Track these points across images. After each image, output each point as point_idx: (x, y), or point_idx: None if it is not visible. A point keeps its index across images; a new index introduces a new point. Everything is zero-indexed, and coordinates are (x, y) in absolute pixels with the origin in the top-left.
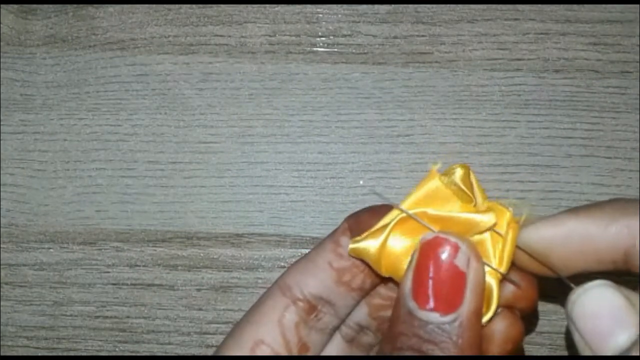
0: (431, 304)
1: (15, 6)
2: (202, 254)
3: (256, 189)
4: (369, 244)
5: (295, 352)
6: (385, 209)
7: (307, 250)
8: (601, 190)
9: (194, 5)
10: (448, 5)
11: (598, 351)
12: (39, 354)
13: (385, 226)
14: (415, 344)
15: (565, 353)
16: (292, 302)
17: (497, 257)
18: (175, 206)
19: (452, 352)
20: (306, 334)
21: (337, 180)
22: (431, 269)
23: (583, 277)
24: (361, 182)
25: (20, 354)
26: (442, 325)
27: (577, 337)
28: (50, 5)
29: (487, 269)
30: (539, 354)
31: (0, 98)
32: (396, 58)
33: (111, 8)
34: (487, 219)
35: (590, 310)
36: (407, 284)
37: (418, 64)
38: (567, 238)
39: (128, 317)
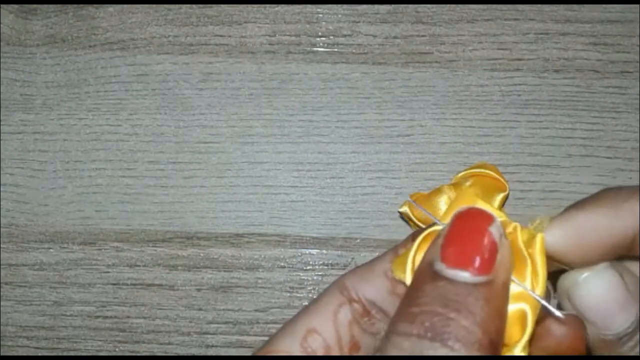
0: (463, 263)
1: (15, 6)
2: (202, 254)
3: (256, 189)
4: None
5: (346, 349)
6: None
7: (307, 250)
8: None
9: (194, 5)
10: (448, 5)
11: (600, 330)
12: (39, 354)
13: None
14: (439, 304)
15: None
16: (347, 301)
17: (529, 280)
18: (175, 206)
19: (478, 317)
20: (359, 334)
21: (337, 180)
22: (466, 234)
23: None
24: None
25: (20, 354)
26: (472, 285)
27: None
28: (50, 5)
29: (518, 289)
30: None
31: (0, 98)
32: (396, 58)
33: (111, 8)
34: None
35: (595, 294)
36: (435, 250)
37: (418, 64)
38: (581, 235)
39: (128, 317)
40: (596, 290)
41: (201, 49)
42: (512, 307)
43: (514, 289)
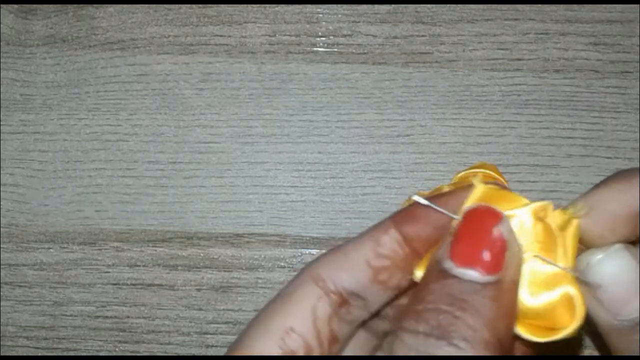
0: (472, 262)
1: (15, 6)
2: (202, 254)
3: (256, 189)
4: None
5: (325, 344)
6: (441, 199)
7: (307, 250)
8: None
9: (194, 5)
10: (448, 5)
11: (615, 315)
12: (39, 354)
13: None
14: (445, 302)
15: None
16: (324, 294)
17: (559, 257)
18: (175, 206)
19: (486, 316)
20: (336, 326)
21: (337, 180)
22: (475, 232)
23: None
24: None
25: (20, 354)
26: (480, 284)
27: (592, 303)
28: (50, 5)
29: (554, 269)
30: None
31: (0, 98)
32: (396, 58)
33: (111, 8)
34: (525, 202)
35: (610, 276)
36: (444, 248)
37: (418, 64)
38: (598, 211)
39: (128, 317)
40: (611, 271)
41: (201, 49)
42: (555, 292)
43: (541, 270)
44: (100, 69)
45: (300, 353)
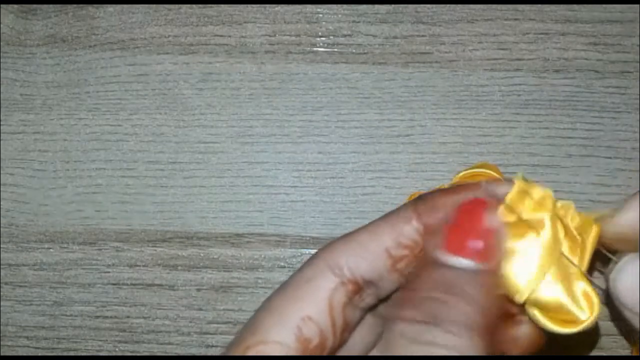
0: (465, 251)
1: (15, 6)
2: (202, 254)
3: (256, 189)
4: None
5: (338, 332)
6: (455, 189)
7: (307, 250)
8: (601, 190)
9: (194, 5)
10: (448, 5)
11: None
12: (39, 354)
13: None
14: (440, 290)
15: (564, 352)
16: (341, 283)
17: (577, 259)
18: (175, 206)
19: (480, 303)
20: (350, 313)
21: (337, 180)
22: (468, 223)
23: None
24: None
25: (20, 354)
26: (468, 272)
27: (627, 314)
28: (50, 5)
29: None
30: (539, 354)
31: (0, 98)
32: (396, 58)
33: (111, 8)
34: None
35: (628, 286)
36: (438, 238)
37: (418, 64)
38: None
39: (128, 317)
40: (628, 276)
41: (201, 49)
42: (576, 288)
43: (564, 266)
44: (100, 69)
45: (315, 342)
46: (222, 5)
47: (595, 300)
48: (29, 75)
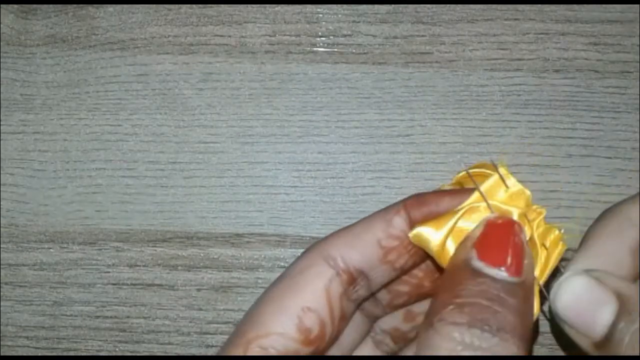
0: (501, 263)
1: (15, 6)
2: (202, 254)
3: (256, 189)
4: (432, 237)
5: (336, 322)
6: (451, 193)
7: None
8: (601, 190)
9: (194, 5)
10: (448, 5)
11: (592, 334)
12: (39, 354)
13: (449, 216)
14: (483, 297)
15: (564, 352)
16: (336, 273)
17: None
18: (175, 206)
19: (520, 313)
20: (345, 304)
21: (337, 180)
22: (501, 238)
23: None
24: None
25: (20, 354)
26: (509, 284)
27: (569, 331)
28: (50, 5)
29: None
30: (539, 354)
31: (0, 98)
32: (396, 58)
33: (111, 8)
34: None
35: (568, 303)
36: (470, 249)
37: (418, 64)
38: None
39: (128, 317)
40: (566, 301)
41: (201, 49)
42: None
43: None
44: (100, 69)
45: (316, 331)
46: (222, 5)
47: (536, 304)
48: (29, 75)
